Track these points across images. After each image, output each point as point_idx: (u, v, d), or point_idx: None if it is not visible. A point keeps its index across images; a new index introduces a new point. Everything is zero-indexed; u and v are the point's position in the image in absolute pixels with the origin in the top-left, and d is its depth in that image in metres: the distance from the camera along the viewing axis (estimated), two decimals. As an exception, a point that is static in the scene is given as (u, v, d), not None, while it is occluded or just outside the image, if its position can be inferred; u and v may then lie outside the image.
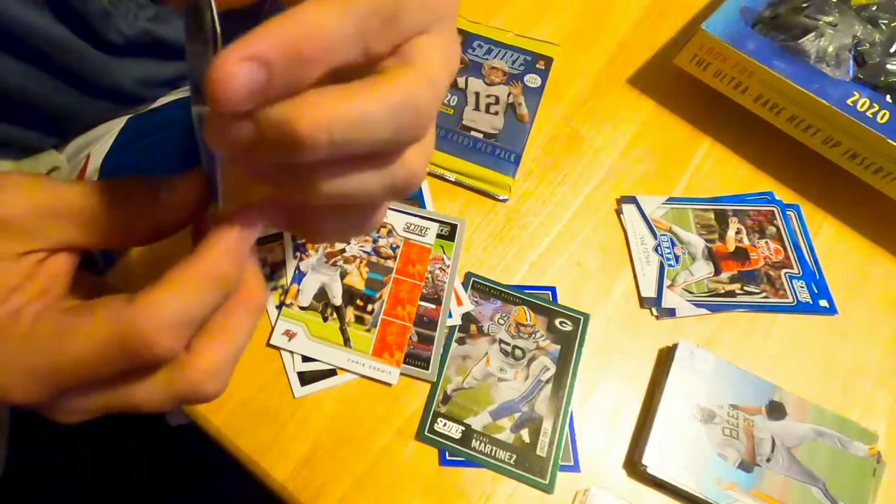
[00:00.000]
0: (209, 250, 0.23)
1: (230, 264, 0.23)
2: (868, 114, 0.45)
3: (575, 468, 0.41)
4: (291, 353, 0.42)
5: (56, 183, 0.24)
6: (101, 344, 0.21)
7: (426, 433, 0.41)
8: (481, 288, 0.46)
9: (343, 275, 0.45)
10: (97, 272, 0.50)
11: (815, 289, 0.47)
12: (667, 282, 0.47)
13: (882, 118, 0.45)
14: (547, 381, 0.43)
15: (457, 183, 0.49)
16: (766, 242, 0.49)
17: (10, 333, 0.22)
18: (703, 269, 0.48)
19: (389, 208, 0.47)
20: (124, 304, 0.21)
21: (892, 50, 0.49)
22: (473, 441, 0.41)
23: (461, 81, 0.53)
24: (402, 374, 0.42)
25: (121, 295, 0.22)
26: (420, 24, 0.20)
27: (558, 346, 0.44)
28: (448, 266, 0.46)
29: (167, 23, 0.51)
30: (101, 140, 0.58)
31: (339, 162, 0.20)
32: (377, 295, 0.44)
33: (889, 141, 0.44)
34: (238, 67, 0.16)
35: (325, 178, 0.21)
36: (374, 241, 0.46)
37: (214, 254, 0.23)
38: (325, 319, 0.43)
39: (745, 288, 0.47)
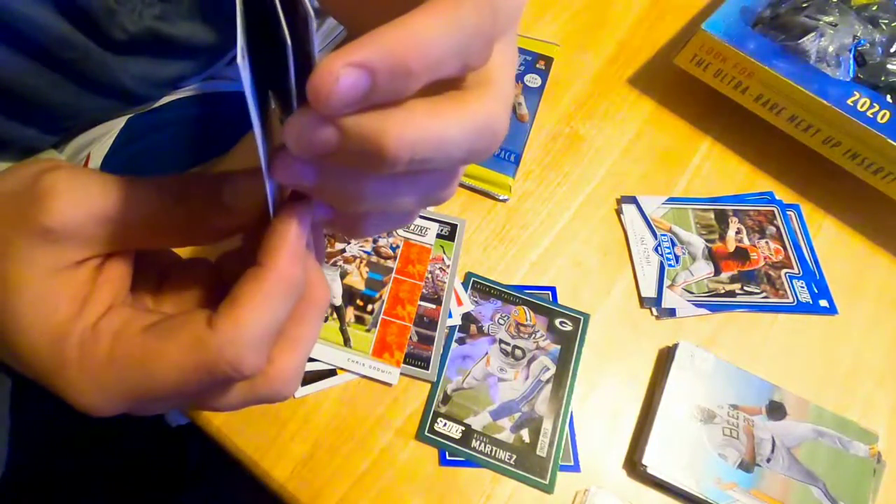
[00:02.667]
0: (275, 258, 0.22)
1: (297, 268, 0.22)
2: (868, 114, 0.45)
3: (575, 468, 0.41)
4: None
5: (110, 182, 0.23)
6: (190, 372, 0.21)
7: (426, 433, 0.41)
8: (481, 288, 0.46)
9: (343, 275, 0.45)
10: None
11: (815, 289, 0.47)
12: (667, 282, 0.47)
13: (882, 118, 0.45)
14: (547, 381, 0.43)
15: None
16: (766, 242, 0.49)
17: (92, 355, 0.21)
18: (704, 269, 0.48)
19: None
20: (206, 328, 0.21)
21: (892, 50, 0.49)
22: (473, 441, 0.41)
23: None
24: (402, 374, 0.42)
25: (200, 315, 0.22)
26: (502, 35, 0.20)
27: (558, 346, 0.44)
28: (448, 266, 0.46)
29: (172, 21, 0.51)
30: (102, 140, 0.58)
31: (401, 175, 0.20)
32: (377, 295, 0.44)
33: (889, 141, 0.44)
34: (343, 73, 0.16)
35: (379, 190, 0.20)
36: (374, 242, 0.46)
37: (282, 261, 0.22)
38: (326, 319, 0.43)
39: (745, 288, 0.47)
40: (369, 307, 0.44)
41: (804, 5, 0.51)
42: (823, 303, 0.47)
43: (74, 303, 0.22)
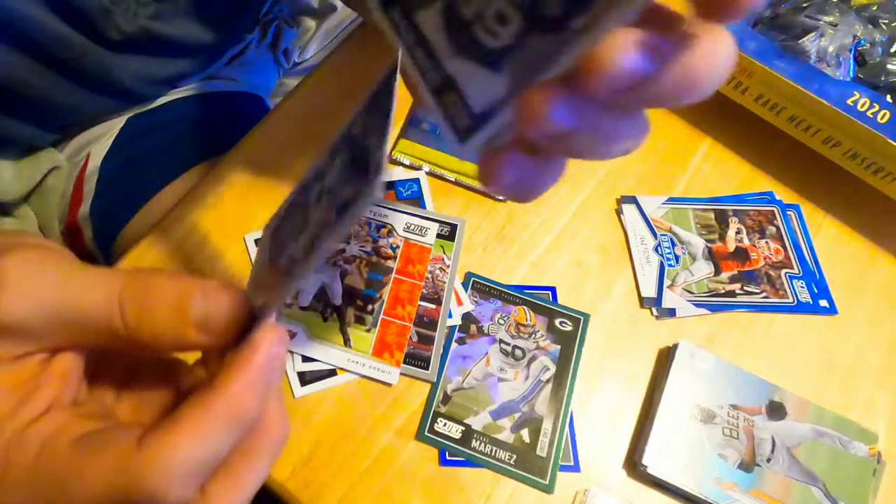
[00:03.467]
0: (229, 382, 0.20)
1: (254, 400, 0.20)
2: (868, 114, 0.45)
3: (575, 468, 0.41)
4: (292, 353, 0.42)
5: (67, 274, 0.21)
6: (106, 493, 0.19)
7: (426, 433, 0.41)
8: (481, 288, 0.46)
9: (343, 275, 0.45)
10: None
11: (815, 289, 0.47)
12: (667, 282, 0.47)
13: (882, 118, 0.45)
14: (547, 381, 0.43)
15: (457, 183, 0.49)
16: (766, 242, 0.49)
17: (15, 463, 0.20)
18: (704, 269, 0.48)
19: (389, 208, 0.47)
20: (134, 448, 0.19)
21: (892, 50, 0.49)
22: (473, 441, 0.41)
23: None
24: (402, 374, 0.42)
25: (134, 431, 0.20)
26: None
27: (558, 346, 0.44)
28: (448, 266, 0.46)
29: (168, 21, 0.51)
30: (101, 140, 0.58)
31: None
32: (377, 295, 0.44)
33: (889, 141, 0.44)
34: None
35: (628, 127, 0.20)
36: (374, 242, 0.46)
37: (236, 387, 0.20)
38: (326, 319, 0.43)
39: (745, 288, 0.47)
40: (369, 307, 0.44)
41: (804, 5, 0.51)
42: (823, 303, 0.47)
43: (10, 400, 0.20)
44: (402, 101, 0.56)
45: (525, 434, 0.41)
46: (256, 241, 0.46)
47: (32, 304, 0.20)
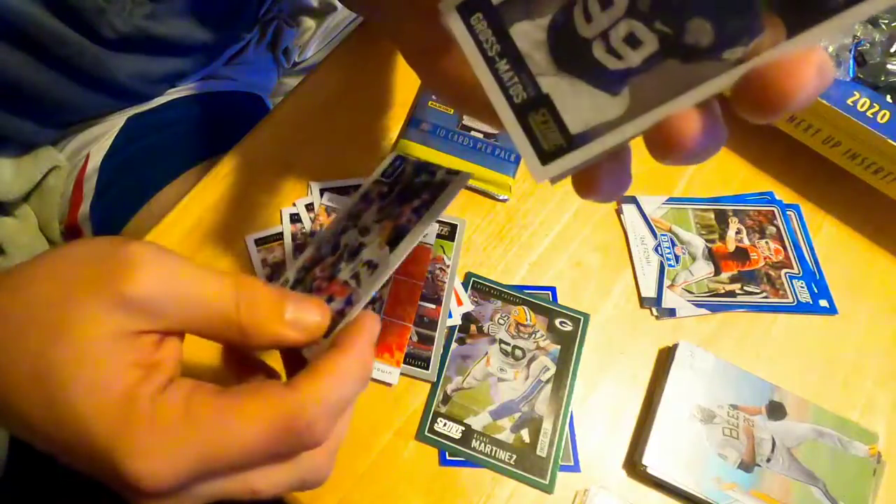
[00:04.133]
0: (355, 342, 0.24)
1: (371, 357, 0.24)
2: (868, 114, 0.45)
3: (575, 468, 0.41)
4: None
5: (190, 268, 0.23)
6: (268, 427, 0.21)
7: (426, 433, 0.41)
8: (481, 288, 0.46)
9: (343, 275, 0.45)
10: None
11: (815, 289, 0.47)
12: (667, 282, 0.47)
13: (882, 118, 0.45)
14: (547, 381, 0.43)
15: (457, 183, 0.49)
16: (766, 242, 0.49)
17: (166, 412, 0.21)
18: (703, 269, 0.48)
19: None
20: (286, 389, 0.22)
21: (892, 50, 0.49)
22: (473, 441, 0.41)
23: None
24: (402, 374, 0.42)
25: (274, 381, 0.23)
26: None
27: (558, 346, 0.44)
28: (448, 266, 0.46)
29: (163, 20, 0.52)
30: (101, 140, 0.58)
31: None
32: (377, 295, 0.44)
33: (889, 141, 0.44)
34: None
35: None
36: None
37: (361, 345, 0.24)
38: (325, 319, 0.43)
39: (745, 288, 0.47)
40: (369, 307, 0.44)
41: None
42: (823, 303, 0.47)
43: (140, 368, 0.22)
44: (402, 99, 0.56)
45: (525, 434, 0.41)
46: (256, 242, 0.46)
47: (162, 285, 0.22)
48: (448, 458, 0.40)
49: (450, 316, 0.44)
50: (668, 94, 0.19)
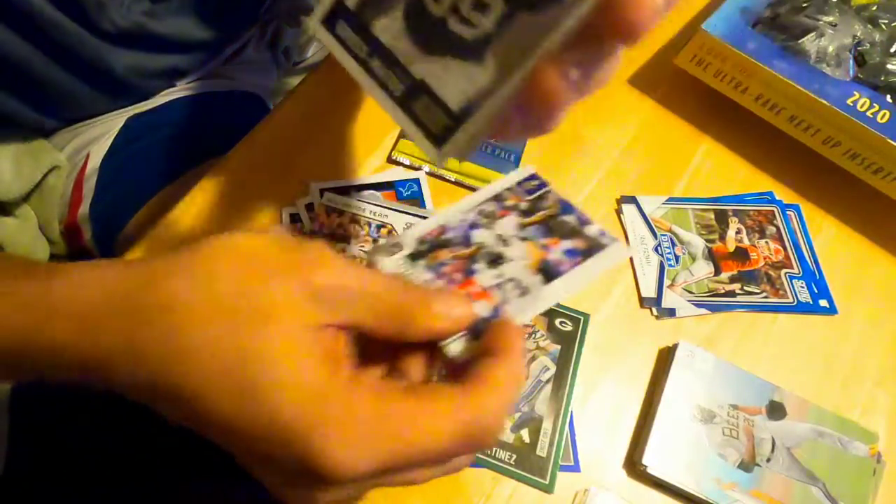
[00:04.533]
0: (516, 351, 0.25)
1: (524, 369, 0.26)
2: (868, 114, 0.45)
3: (575, 468, 0.41)
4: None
5: (358, 266, 0.25)
6: (453, 430, 0.22)
7: (426, 433, 0.41)
8: (481, 288, 0.46)
9: (343, 275, 0.45)
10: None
11: (815, 289, 0.47)
12: (667, 282, 0.47)
13: (882, 118, 0.45)
14: (547, 381, 0.43)
15: (457, 183, 0.49)
16: (766, 242, 0.49)
17: (358, 409, 0.21)
18: (703, 269, 0.48)
19: (389, 208, 0.47)
20: (467, 397, 0.23)
21: (892, 50, 0.49)
22: (473, 441, 0.41)
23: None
24: (402, 374, 0.42)
25: (451, 386, 0.23)
26: None
27: (558, 346, 0.44)
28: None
29: (161, 17, 0.52)
30: (101, 140, 0.58)
31: None
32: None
33: (889, 141, 0.44)
34: None
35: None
36: (374, 241, 0.46)
37: (519, 354, 0.25)
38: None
39: (745, 288, 0.47)
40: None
41: (804, 5, 0.51)
42: (823, 303, 0.47)
43: (329, 361, 0.22)
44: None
45: (525, 434, 0.41)
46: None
47: (345, 278, 0.23)
48: (448, 458, 0.40)
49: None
50: (528, 47, 0.19)
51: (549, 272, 0.28)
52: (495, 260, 0.29)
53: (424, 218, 0.47)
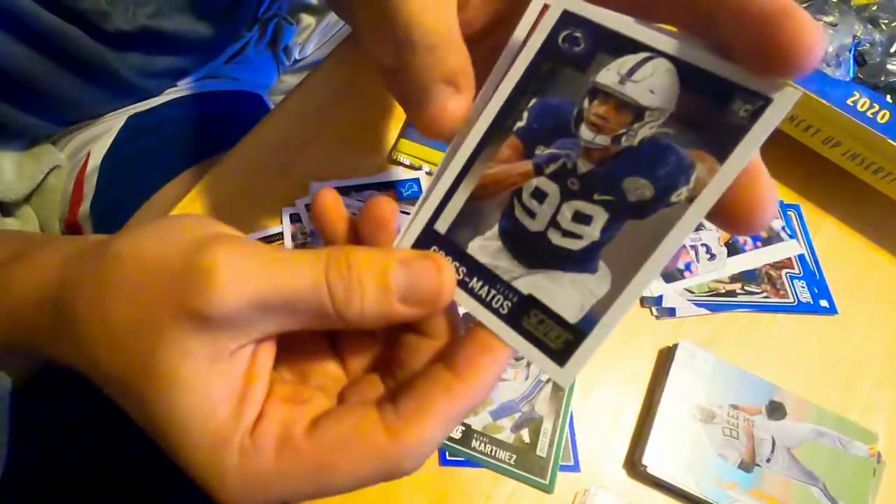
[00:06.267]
0: (481, 378, 0.20)
1: (489, 392, 0.21)
2: (868, 114, 0.45)
3: (575, 468, 0.41)
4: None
5: (269, 259, 0.20)
6: (364, 476, 0.20)
7: (426, 433, 0.41)
8: (481, 288, 0.46)
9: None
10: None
11: (815, 289, 0.47)
12: (667, 282, 0.47)
13: (882, 118, 0.45)
14: (547, 381, 0.43)
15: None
16: (767, 242, 0.49)
17: (256, 465, 0.20)
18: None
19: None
20: (386, 440, 0.20)
21: (892, 50, 0.49)
22: (473, 441, 0.41)
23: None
24: (402, 373, 0.42)
25: (372, 418, 0.20)
26: None
27: (558, 346, 0.44)
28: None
29: (167, 17, 0.52)
30: (101, 139, 0.58)
31: None
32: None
33: (889, 141, 0.44)
34: None
35: None
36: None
37: (486, 383, 0.21)
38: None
39: (746, 288, 0.47)
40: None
41: (804, 5, 0.51)
42: (824, 303, 0.47)
43: (231, 402, 0.20)
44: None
45: (525, 434, 0.41)
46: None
47: (244, 295, 0.19)
48: (448, 457, 0.40)
49: (450, 316, 0.44)
50: (643, 253, 0.19)
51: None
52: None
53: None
